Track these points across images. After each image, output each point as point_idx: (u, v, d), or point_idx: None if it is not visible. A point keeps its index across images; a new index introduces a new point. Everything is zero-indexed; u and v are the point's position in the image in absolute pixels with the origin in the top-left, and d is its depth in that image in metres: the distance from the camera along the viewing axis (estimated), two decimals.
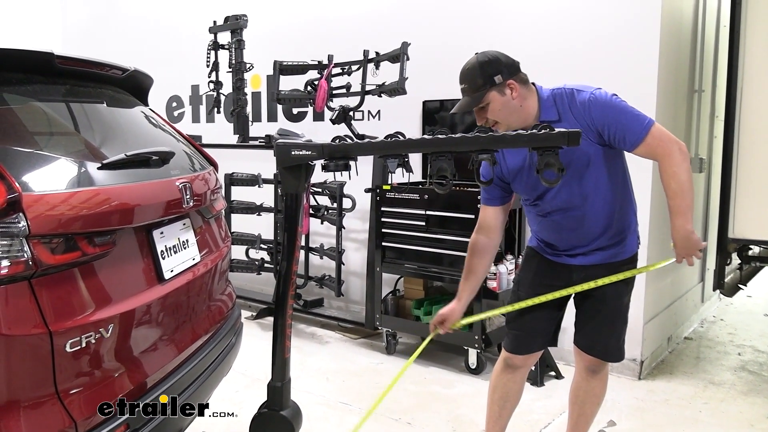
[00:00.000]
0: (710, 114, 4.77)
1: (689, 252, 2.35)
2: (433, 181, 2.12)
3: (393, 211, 4.31)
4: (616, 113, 2.28)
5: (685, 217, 2.30)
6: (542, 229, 2.57)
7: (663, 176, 2.30)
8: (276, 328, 2.21)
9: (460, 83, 2.35)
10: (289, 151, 2.08)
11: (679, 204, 2.30)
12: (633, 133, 2.27)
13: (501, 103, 2.30)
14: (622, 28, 3.88)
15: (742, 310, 5.58)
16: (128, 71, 2.46)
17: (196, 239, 2.43)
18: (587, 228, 2.45)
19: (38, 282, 1.62)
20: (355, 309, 5.18)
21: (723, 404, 3.66)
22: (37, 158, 1.83)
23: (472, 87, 2.31)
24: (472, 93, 2.32)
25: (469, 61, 2.35)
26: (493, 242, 2.57)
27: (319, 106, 4.47)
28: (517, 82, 2.32)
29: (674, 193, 2.29)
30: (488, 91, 2.29)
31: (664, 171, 2.29)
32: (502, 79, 2.29)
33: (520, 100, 2.33)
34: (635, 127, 2.27)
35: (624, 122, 2.27)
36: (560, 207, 2.43)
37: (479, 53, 2.35)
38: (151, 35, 6.34)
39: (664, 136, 2.28)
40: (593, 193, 2.38)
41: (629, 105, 2.32)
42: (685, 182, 2.27)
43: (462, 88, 2.35)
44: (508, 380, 2.69)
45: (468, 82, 2.32)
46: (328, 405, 3.62)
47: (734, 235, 3.97)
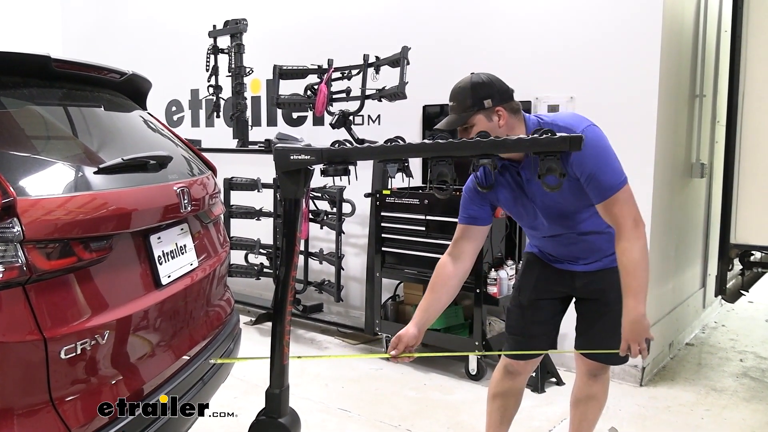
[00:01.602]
0: (711, 119, 4.76)
1: (636, 338, 2.19)
2: (433, 186, 2.09)
3: (393, 216, 4.30)
4: (597, 163, 2.17)
5: (636, 298, 2.17)
6: (542, 245, 2.56)
7: (616, 249, 2.20)
8: (274, 335, 2.19)
9: (449, 100, 2.29)
10: (288, 156, 2.06)
11: (629, 283, 2.18)
12: (604, 187, 2.17)
13: (486, 127, 2.21)
14: (622, 32, 3.86)
15: (743, 316, 5.56)
16: (126, 75, 2.44)
17: (194, 244, 2.42)
18: (587, 244, 2.43)
19: (33, 288, 1.60)
20: (354, 314, 5.15)
21: (725, 411, 3.63)
22: (33, 162, 1.81)
23: (460, 106, 2.26)
24: (459, 112, 2.26)
25: (463, 79, 2.29)
26: (461, 270, 2.40)
27: (319, 111, 4.46)
28: (506, 110, 2.24)
29: (625, 270, 2.18)
30: (475, 113, 2.22)
31: (618, 244, 2.19)
32: (491, 104, 2.23)
33: (507, 129, 2.25)
34: (607, 183, 2.17)
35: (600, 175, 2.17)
36: (557, 233, 2.42)
37: (474, 74, 2.29)
38: (151, 39, 6.33)
39: (629, 202, 2.19)
40: (588, 217, 2.35)
41: (613, 153, 2.22)
42: (638, 260, 2.16)
43: (450, 106, 2.29)
44: (509, 387, 2.67)
45: (457, 101, 2.27)
46: (327, 411, 3.59)
47: (736, 240, 3.95)
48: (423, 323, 2.35)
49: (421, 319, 2.35)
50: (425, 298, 2.40)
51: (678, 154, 4.35)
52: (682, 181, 4.48)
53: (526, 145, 1.95)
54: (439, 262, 2.43)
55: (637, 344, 2.20)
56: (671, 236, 4.29)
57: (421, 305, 2.40)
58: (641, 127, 3.80)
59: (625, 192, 2.19)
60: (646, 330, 2.20)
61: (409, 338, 2.31)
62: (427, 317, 2.37)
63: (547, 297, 2.57)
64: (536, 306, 2.58)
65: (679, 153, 4.37)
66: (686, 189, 4.57)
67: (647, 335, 2.21)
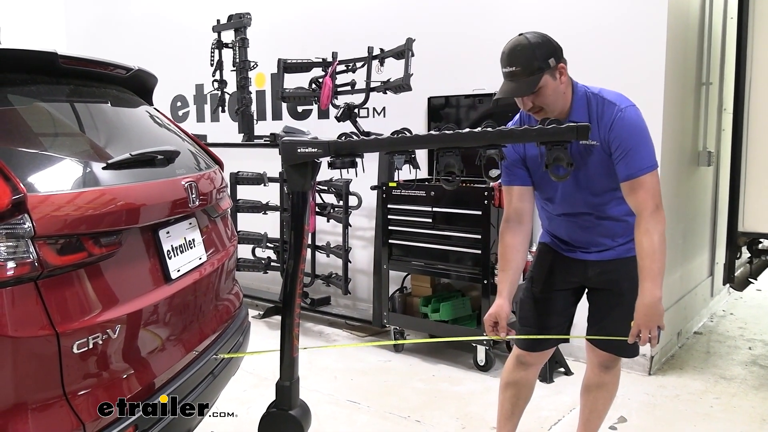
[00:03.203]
0: (718, 107, 4.73)
1: (648, 323, 2.18)
2: (440, 177, 2.09)
3: (399, 209, 4.30)
4: (635, 140, 2.19)
5: (654, 281, 2.17)
6: (556, 227, 2.54)
7: (636, 232, 2.20)
8: (284, 327, 2.20)
9: (507, 66, 2.17)
10: (295, 149, 2.07)
11: (649, 266, 2.17)
12: (634, 166, 2.18)
13: (552, 88, 2.17)
14: (628, 19, 3.85)
15: (752, 304, 5.54)
16: (132, 70, 2.45)
17: (202, 239, 2.42)
18: (604, 229, 2.42)
19: (44, 283, 1.61)
20: (362, 307, 5.16)
21: (734, 399, 3.63)
22: (42, 159, 1.82)
23: (526, 70, 2.14)
24: (525, 77, 2.14)
25: (517, 41, 2.17)
26: (524, 227, 2.41)
27: (324, 104, 4.46)
28: (565, 66, 2.22)
29: (645, 252, 2.17)
30: (543, 74, 2.16)
31: (638, 226, 2.20)
32: (555, 62, 2.17)
33: (565, 87, 2.23)
34: (639, 162, 2.18)
35: (635, 153, 2.18)
36: (577, 212, 2.40)
37: (526, 33, 2.19)
38: (155, 35, 6.33)
39: (655, 188, 2.20)
40: (611, 200, 2.34)
41: (650, 137, 2.24)
42: (658, 244, 2.16)
43: (510, 71, 2.16)
44: (521, 378, 2.66)
45: (521, 65, 2.14)
46: (336, 404, 3.61)
47: (744, 228, 3.94)
48: (510, 293, 2.38)
49: (510, 291, 2.38)
50: (503, 269, 2.42)
51: (685, 142, 4.33)
52: (689, 170, 4.46)
53: (533, 135, 1.95)
54: (501, 232, 2.44)
55: (648, 330, 2.19)
56: (679, 225, 4.28)
57: (502, 278, 2.42)
58: (647, 116, 3.67)
59: (653, 176, 2.20)
60: (660, 316, 2.19)
61: (507, 312, 2.33)
62: (512, 287, 2.40)
63: (561, 288, 2.55)
64: (549, 298, 2.56)
65: (686, 141, 4.36)
66: (693, 177, 4.56)
67: (660, 322, 2.19)
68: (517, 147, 2.35)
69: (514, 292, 2.42)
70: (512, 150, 2.30)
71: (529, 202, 2.43)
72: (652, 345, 2.25)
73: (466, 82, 4.42)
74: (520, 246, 2.42)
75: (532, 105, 2.22)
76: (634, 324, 2.21)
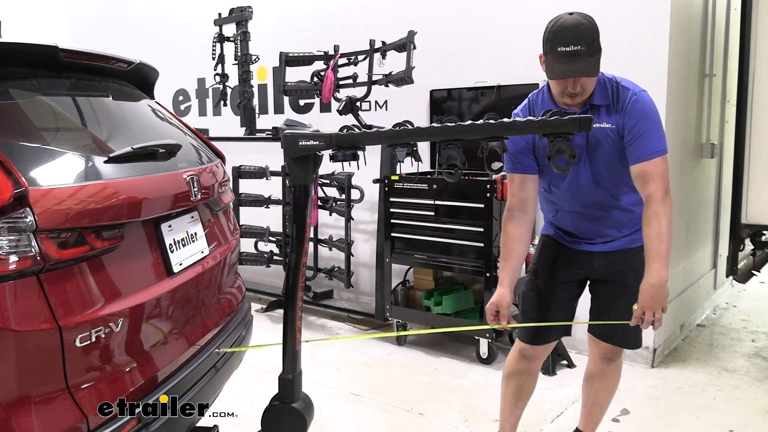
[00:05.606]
0: (721, 98, 4.71)
1: (653, 305, 2.17)
2: (442, 170, 2.08)
3: (402, 202, 4.29)
4: (648, 124, 2.20)
5: (662, 262, 2.16)
6: (561, 218, 2.53)
7: (645, 214, 2.20)
8: (286, 320, 2.20)
9: (572, 45, 2.09)
10: (297, 142, 2.06)
11: (657, 247, 2.16)
12: (646, 149, 2.19)
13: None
14: (632, 11, 3.82)
15: (755, 297, 5.54)
16: (133, 64, 2.44)
17: (204, 232, 2.42)
18: (610, 219, 2.41)
19: (47, 277, 1.61)
20: (364, 300, 5.17)
21: (737, 391, 3.63)
22: (44, 153, 1.82)
23: (591, 48, 2.10)
24: (590, 56, 2.11)
25: (578, 20, 2.13)
26: (527, 216, 2.41)
27: (326, 97, 4.45)
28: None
29: (654, 233, 2.16)
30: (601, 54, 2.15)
31: (647, 209, 2.20)
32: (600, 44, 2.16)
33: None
34: (651, 146, 2.19)
35: (647, 136, 2.19)
36: (587, 201, 2.39)
37: (577, 13, 2.16)
38: (157, 28, 6.32)
39: (665, 173, 2.20)
40: (619, 184, 2.34)
41: (660, 121, 2.25)
42: (666, 226, 2.16)
43: (575, 51, 2.09)
44: (524, 371, 2.65)
45: (586, 44, 2.09)
46: (339, 397, 3.61)
47: (747, 220, 3.93)
48: (511, 282, 2.38)
49: (511, 280, 2.38)
50: (505, 259, 2.42)
51: (688, 134, 4.32)
52: (693, 162, 4.45)
53: (536, 127, 1.94)
54: (504, 220, 2.44)
55: (652, 312, 2.18)
56: (682, 217, 4.26)
57: (503, 267, 2.42)
58: None
59: (664, 161, 2.21)
60: (665, 298, 2.18)
61: (508, 301, 2.33)
62: (513, 276, 2.40)
63: (565, 280, 2.55)
64: (553, 290, 2.56)
65: (689, 133, 4.34)
66: (697, 169, 4.54)
67: (665, 304, 2.18)
68: (527, 135, 2.34)
69: (515, 282, 2.41)
70: (521, 138, 2.29)
71: (533, 191, 2.43)
72: (655, 327, 2.24)
73: (469, 74, 4.40)
74: (523, 236, 2.42)
75: (579, 87, 2.20)
76: (639, 305, 2.20)
